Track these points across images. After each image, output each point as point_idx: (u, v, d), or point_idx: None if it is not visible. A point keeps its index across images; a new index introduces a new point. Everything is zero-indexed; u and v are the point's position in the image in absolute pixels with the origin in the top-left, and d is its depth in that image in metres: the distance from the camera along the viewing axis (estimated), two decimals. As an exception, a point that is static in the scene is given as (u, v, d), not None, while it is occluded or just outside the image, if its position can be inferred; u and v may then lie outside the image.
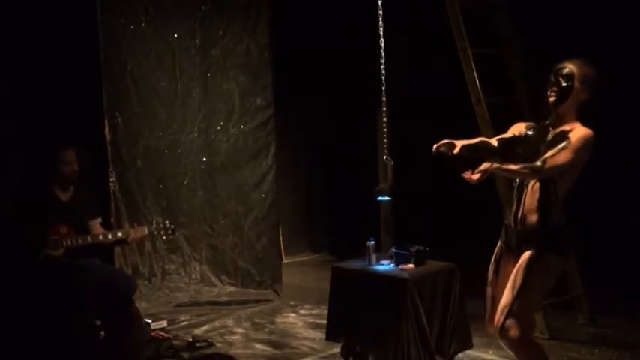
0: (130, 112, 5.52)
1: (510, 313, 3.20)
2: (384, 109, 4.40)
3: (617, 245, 5.36)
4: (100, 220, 4.37)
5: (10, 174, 4.90)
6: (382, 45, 4.35)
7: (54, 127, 4.95)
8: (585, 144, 3.16)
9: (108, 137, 5.35)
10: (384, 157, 4.35)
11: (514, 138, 3.46)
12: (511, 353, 3.59)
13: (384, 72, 4.37)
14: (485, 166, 3.18)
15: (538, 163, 3.15)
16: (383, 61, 4.36)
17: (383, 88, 4.38)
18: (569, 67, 3.24)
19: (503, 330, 3.21)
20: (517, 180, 3.35)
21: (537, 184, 3.25)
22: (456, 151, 3.32)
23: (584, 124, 3.25)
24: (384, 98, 4.38)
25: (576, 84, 3.21)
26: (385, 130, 4.44)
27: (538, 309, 3.38)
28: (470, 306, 4.24)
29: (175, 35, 5.71)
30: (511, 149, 3.50)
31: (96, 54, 5.25)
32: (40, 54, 5.08)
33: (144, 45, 5.56)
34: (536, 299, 3.38)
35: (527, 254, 3.24)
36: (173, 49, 5.71)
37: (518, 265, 3.25)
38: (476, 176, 3.19)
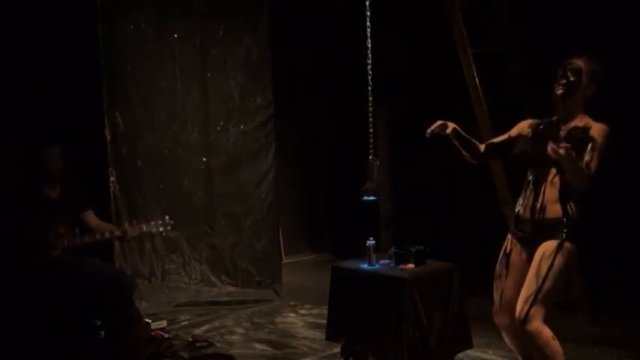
0: (130, 112, 5.51)
1: (535, 301, 3.19)
2: (371, 109, 4.46)
3: (617, 245, 5.35)
4: (91, 211, 4.35)
5: (10, 175, 4.89)
6: (369, 45, 4.41)
7: (54, 127, 4.95)
8: (608, 140, 3.25)
9: (108, 137, 5.35)
10: (370, 157, 4.40)
11: (507, 140, 3.54)
12: (513, 352, 3.60)
13: (370, 73, 4.43)
14: (568, 147, 3.09)
15: (586, 171, 3.17)
16: (369, 62, 4.41)
17: (369, 88, 4.42)
18: (577, 63, 3.31)
19: (526, 320, 3.20)
20: (533, 175, 3.37)
21: (557, 178, 3.28)
22: (448, 130, 3.45)
23: (595, 118, 3.31)
24: (370, 98, 4.43)
25: (584, 79, 3.28)
26: (371, 130, 4.49)
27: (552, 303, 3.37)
28: (470, 306, 4.25)
29: (175, 35, 5.71)
30: (508, 150, 3.52)
31: (96, 54, 5.25)
32: (40, 54, 5.08)
33: (144, 45, 5.56)
34: (559, 289, 3.36)
35: (550, 243, 3.25)
36: (173, 49, 5.71)
37: (541, 254, 3.25)
38: (562, 150, 3.07)
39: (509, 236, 3.49)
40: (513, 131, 3.55)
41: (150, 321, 4.80)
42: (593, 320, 4.94)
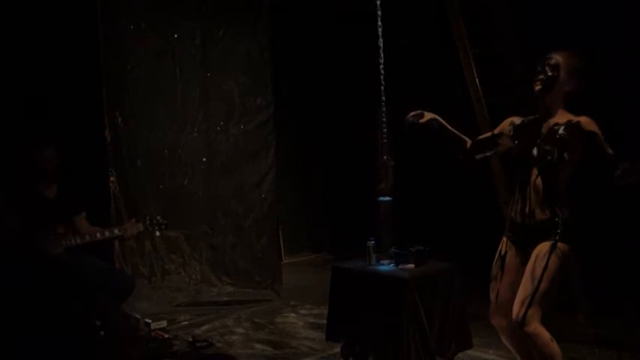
0: (130, 112, 5.52)
1: (532, 303, 3.17)
2: (384, 109, 4.43)
3: (617, 245, 5.35)
4: (84, 214, 4.34)
5: (9, 175, 4.89)
6: (381, 45, 4.38)
7: (54, 127, 4.95)
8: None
9: (108, 137, 5.35)
10: (385, 158, 4.38)
11: (490, 138, 3.54)
12: (512, 352, 3.60)
13: (382, 72, 4.40)
14: None
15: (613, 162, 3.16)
16: (382, 61, 4.39)
17: (382, 88, 4.41)
18: (556, 58, 3.27)
19: (524, 322, 3.18)
20: (519, 176, 3.35)
21: (539, 179, 3.24)
22: (422, 120, 3.49)
23: (576, 113, 3.27)
24: (384, 98, 4.42)
25: (562, 74, 3.25)
26: (385, 130, 4.46)
27: (550, 303, 3.37)
28: (470, 306, 4.24)
29: (175, 35, 5.71)
30: (492, 148, 3.53)
31: (96, 54, 5.25)
32: (40, 53, 5.08)
33: (144, 45, 5.57)
34: (554, 290, 3.33)
35: (544, 245, 3.23)
36: (173, 49, 5.72)
37: (535, 256, 3.23)
38: None
39: (504, 238, 3.49)
40: (497, 129, 3.54)
41: (150, 321, 4.80)
42: (593, 320, 4.94)
